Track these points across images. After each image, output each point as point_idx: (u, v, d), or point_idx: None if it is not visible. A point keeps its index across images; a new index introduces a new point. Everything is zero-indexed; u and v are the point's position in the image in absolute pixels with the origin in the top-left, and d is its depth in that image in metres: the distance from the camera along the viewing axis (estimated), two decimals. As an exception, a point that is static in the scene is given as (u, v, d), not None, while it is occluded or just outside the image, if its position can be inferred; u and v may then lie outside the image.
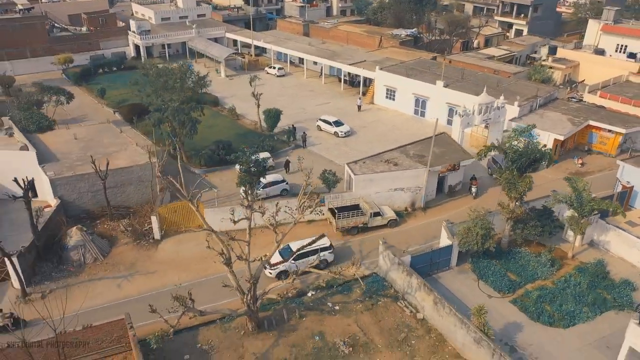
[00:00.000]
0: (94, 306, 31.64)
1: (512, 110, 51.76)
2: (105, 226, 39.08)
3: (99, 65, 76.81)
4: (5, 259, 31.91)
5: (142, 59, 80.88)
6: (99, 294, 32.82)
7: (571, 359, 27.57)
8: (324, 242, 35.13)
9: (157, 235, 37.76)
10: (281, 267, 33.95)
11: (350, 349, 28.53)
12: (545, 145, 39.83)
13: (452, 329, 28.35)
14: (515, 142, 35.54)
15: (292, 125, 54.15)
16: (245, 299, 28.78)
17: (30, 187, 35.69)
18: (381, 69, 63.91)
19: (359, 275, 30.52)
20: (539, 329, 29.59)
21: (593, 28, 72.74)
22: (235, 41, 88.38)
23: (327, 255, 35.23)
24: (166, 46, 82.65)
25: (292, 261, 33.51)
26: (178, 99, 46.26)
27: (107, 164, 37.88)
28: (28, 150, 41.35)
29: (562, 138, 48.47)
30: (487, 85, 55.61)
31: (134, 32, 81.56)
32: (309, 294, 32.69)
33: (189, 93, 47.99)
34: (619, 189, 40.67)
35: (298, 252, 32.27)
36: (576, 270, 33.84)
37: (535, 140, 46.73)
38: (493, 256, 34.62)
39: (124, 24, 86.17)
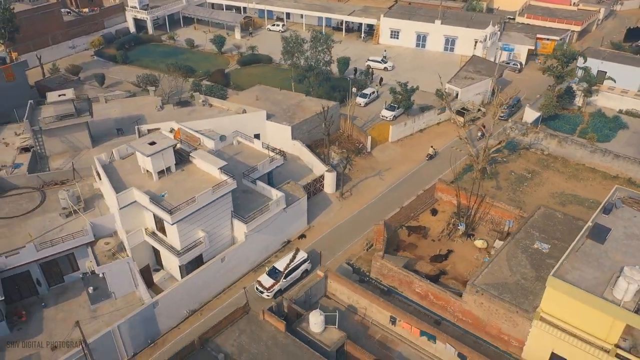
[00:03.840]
0: (383, 192, 51.04)
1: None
2: (325, 151, 56.15)
3: (123, 44, 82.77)
4: (326, 174, 48.95)
5: (150, 31, 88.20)
6: (376, 186, 51.74)
7: (619, 149, 55.77)
8: (302, 255, 40.53)
9: (369, 149, 56.61)
10: (276, 288, 38.84)
11: (529, 174, 53.28)
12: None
13: (572, 152, 54.82)
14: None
15: (368, 67, 73.09)
16: (478, 159, 51.13)
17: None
18: (384, 15, 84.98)
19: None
20: (599, 144, 57.70)
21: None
22: (212, 4, 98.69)
23: (306, 266, 40.94)
24: (166, 17, 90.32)
25: (284, 279, 39.14)
26: (316, 60, 62.37)
27: (328, 108, 54.53)
28: (246, 112, 55.09)
29: (532, 47, 77.11)
30: (463, 19, 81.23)
31: (133, 7, 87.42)
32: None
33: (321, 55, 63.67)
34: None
35: (286, 271, 38.91)
36: (591, 116, 62.67)
37: (513, 53, 74.70)
38: (552, 118, 61.53)
39: (117, 0, 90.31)
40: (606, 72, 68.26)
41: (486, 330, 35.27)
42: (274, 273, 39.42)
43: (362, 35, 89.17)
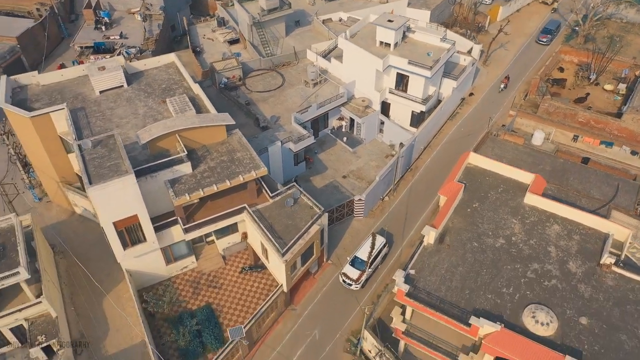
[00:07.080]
0: (512, 58, 63.73)
1: None
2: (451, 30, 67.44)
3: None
4: (474, 46, 60.91)
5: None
6: (504, 55, 64.26)
7: (681, 17, 70.07)
8: (381, 240, 39.60)
9: (487, 27, 68.31)
10: (364, 278, 38.08)
11: (617, 37, 66.73)
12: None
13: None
14: None
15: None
16: (584, 27, 64.01)
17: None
18: None
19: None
20: (663, 12, 71.41)
21: None
22: None
23: (385, 250, 40.50)
24: None
25: (369, 269, 38.29)
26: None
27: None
28: (388, 2, 65.06)
29: None
30: None
31: None
32: (578, 28, 68.74)
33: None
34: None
35: (370, 260, 37.86)
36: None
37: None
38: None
39: None
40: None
41: (638, 140, 50.07)
42: (358, 263, 38.70)
43: None
